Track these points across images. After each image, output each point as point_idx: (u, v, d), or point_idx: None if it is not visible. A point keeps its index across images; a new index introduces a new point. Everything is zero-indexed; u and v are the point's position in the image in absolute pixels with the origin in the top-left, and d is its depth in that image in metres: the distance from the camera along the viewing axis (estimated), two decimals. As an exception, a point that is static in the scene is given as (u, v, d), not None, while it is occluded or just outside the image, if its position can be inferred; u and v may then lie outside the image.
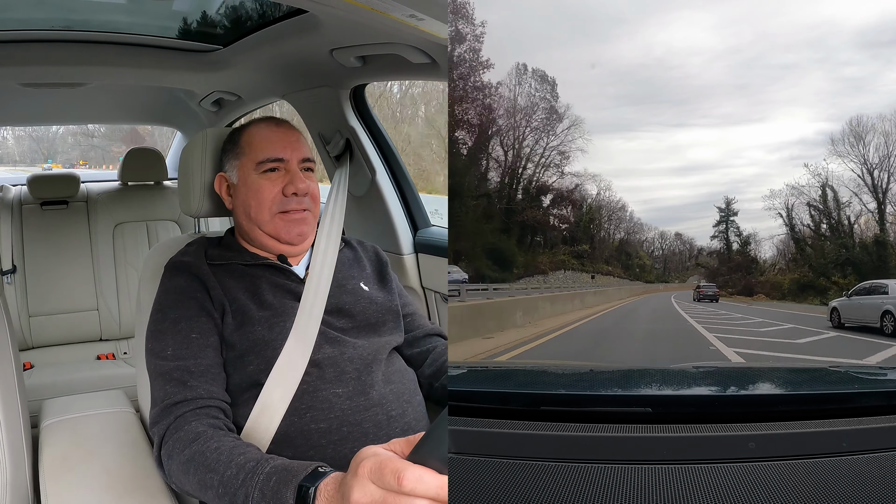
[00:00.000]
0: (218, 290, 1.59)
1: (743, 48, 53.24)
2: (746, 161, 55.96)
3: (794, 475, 0.83)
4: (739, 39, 54.17)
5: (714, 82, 50.89)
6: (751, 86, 52.37)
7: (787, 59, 50.97)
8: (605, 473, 0.84)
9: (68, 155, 26.77)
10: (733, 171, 54.40)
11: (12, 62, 2.57)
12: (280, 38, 2.20)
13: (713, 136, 53.19)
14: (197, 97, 3.34)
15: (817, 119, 56.24)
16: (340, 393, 1.53)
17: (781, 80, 53.72)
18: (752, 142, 58.12)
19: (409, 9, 1.45)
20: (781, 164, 54.94)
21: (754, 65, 48.85)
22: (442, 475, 0.91)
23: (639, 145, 44.77)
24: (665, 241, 58.85)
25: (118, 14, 2.53)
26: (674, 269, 56.82)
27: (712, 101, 57.76)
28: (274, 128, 1.72)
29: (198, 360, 1.50)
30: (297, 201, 1.65)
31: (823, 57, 48.50)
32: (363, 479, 0.99)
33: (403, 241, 2.65)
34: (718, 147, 51.77)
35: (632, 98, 54.28)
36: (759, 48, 54.68)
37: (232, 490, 1.23)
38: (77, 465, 1.63)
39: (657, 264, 56.32)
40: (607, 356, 7.25)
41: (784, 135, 57.03)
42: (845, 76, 43.92)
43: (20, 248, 3.71)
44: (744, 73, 50.73)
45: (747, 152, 59.63)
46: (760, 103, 55.53)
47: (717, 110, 55.60)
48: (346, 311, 1.66)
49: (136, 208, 3.92)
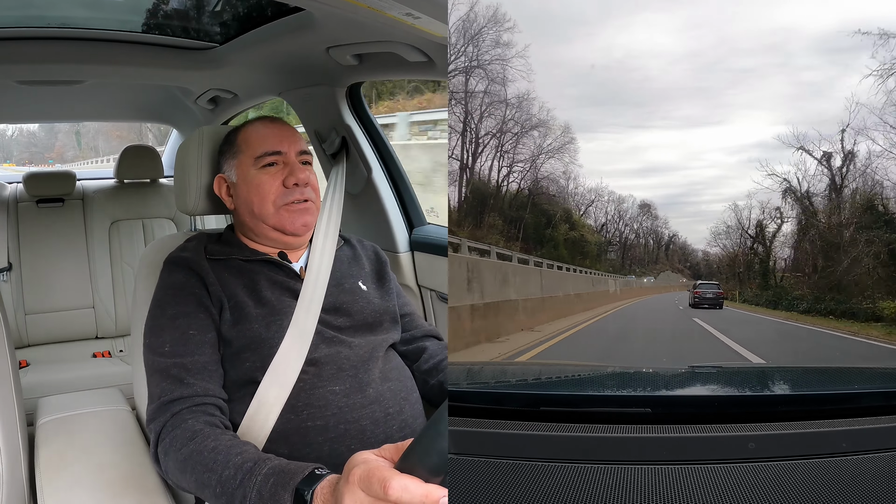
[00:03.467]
0: (216, 285, 1.58)
1: (704, 51, 53.54)
2: (706, 163, 56.50)
3: (794, 475, 0.83)
4: (700, 43, 54.48)
5: (674, 85, 51.04)
6: (711, 89, 52.91)
7: (747, 63, 51.38)
8: (605, 474, 0.84)
9: (21, 155, 27.19)
10: (693, 172, 54.65)
11: (8, 59, 2.55)
12: (276, 35, 2.19)
13: (673, 138, 53.33)
14: (193, 95, 3.33)
15: (776, 122, 56.90)
16: (337, 390, 1.53)
17: (741, 84, 54.25)
18: (712, 144, 58.60)
19: (405, 7, 1.44)
20: (740, 166, 55.28)
21: (715, 68, 49.31)
22: (428, 484, 0.92)
23: (598, 146, 44.77)
24: (624, 219, 42.46)
25: (76, 9, 2.51)
26: (637, 261, 44.13)
27: (672, 104, 58.01)
28: (269, 123, 1.73)
29: (195, 357, 1.50)
30: (299, 192, 1.65)
31: (783, 61, 49.12)
32: (353, 486, 1.01)
33: (399, 239, 2.65)
34: (678, 149, 51.91)
35: (592, 99, 54.42)
36: (720, 52, 55.08)
37: (230, 490, 1.23)
38: (73, 463, 1.63)
39: (613, 250, 40.97)
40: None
41: (743, 138, 57.72)
42: (804, 80, 44.60)
43: (16, 246, 3.70)
44: (704, 76, 51.02)
45: (707, 154, 60.10)
46: (720, 106, 56.00)
47: (677, 113, 55.91)
48: (343, 310, 1.65)
49: (131, 206, 3.91)
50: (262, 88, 2.88)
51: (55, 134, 26.34)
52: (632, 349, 8.36)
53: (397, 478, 0.94)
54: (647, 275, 44.03)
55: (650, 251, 47.00)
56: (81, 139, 24.03)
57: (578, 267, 24.00)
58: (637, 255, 45.16)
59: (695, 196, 62.45)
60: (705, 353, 7.89)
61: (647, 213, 45.84)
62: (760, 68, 52.85)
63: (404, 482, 0.93)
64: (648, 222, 46.26)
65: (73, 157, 24.41)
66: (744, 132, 53.05)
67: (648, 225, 46.44)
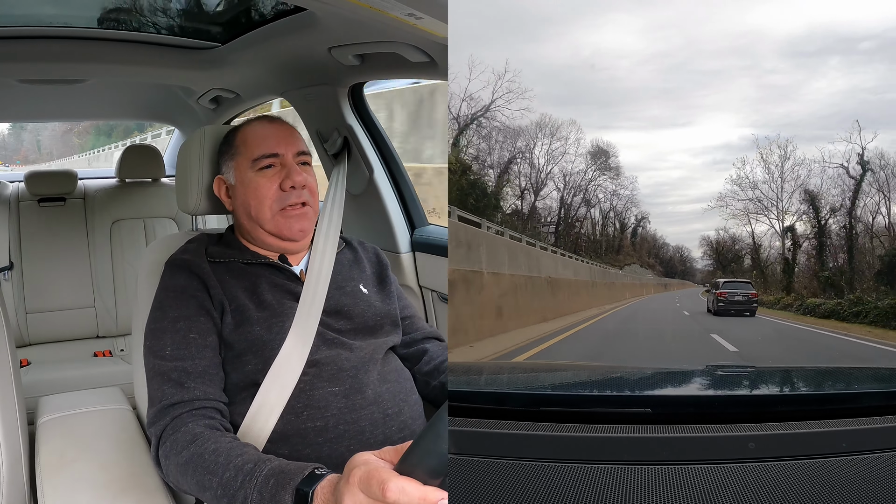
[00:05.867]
0: (218, 289, 1.59)
1: (671, 53, 53.65)
2: (671, 164, 56.48)
3: (794, 475, 0.83)
4: (668, 44, 54.61)
5: (641, 86, 50.94)
6: (677, 90, 52.98)
7: (714, 66, 51.77)
8: (605, 474, 0.84)
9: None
10: (658, 173, 54.65)
11: (9, 58, 2.56)
12: (278, 35, 2.20)
13: (639, 138, 53.27)
14: (195, 94, 3.33)
15: (742, 125, 57.15)
16: (336, 391, 1.53)
17: (708, 86, 54.51)
18: (678, 145, 58.61)
19: (407, 7, 1.44)
20: (705, 167, 55.29)
21: (681, 70, 49.34)
22: (426, 486, 0.92)
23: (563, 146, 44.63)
24: (568, 180, 31.22)
25: (78, 8, 2.51)
26: (592, 248, 32.58)
27: (638, 105, 58.02)
28: (267, 124, 1.72)
29: (196, 360, 1.50)
30: (296, 195, 1.65)
31: (750, 64, 49.42)
32: (353, 486, 1.01)
33: (401, 239, 2.65)
34: (644, 150, 51.67)
35: (558, 99, 54.35)
36: (687, 53, 55.24)
37: (230, 492, 1.24)
38: (74, 463, 1.63)
39: (545, 225, 30.19)
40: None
41: (709, 139, 57.91)
42: (770, 84, 44.69)
43: (17, 245, 3.71)
44: (671, 77, 51.00)
45: (672, 156, 60.24)
46: (686, 108, 56.09)
47: (643, 113, 55.94)
48: (344, 313, 1.66)
49: (133, 205, 3.91)
50: (264, 88, 2.88)
51: (21, 140, 30.13)
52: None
53: (395, 480, 0.95)
54: (611, 264, 32.05)
55: (611, 238, 36.31)
56: (41, 145, 28.17)
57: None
58: (590, 237, 33.60)
59: (660, 197, 62.40)
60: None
61: (602, 163, 32.89)
62: (727, 71, 53.34)
63: (402, 484, 0.94)
64: (608, 182, 33.95)
65: (35, 159, 27.34)
66: (709, 134, 53.45)
67: (610, 188, 34.11)
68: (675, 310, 17.91)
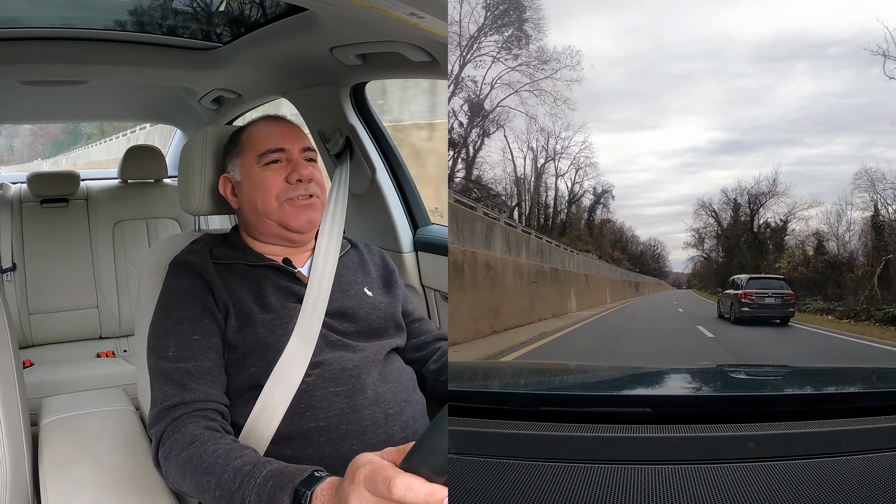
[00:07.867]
0: (222, 290, 1.59)
1: (640, 56, 53.53)
2: (639, 167, 56.03)
3: (794, 475, 0.83)
4: (637, 47, 54.52)
5: (610, 88, 50.73)
6: (646, 93, 52.78)
7: (683, 69, 51.68)
8: (605, 474, 0.84)
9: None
10: (626, 176, 54.30)
11: (12, 60, 2.56)
12: (280, 35, 2.20)
13: (607, 141, 53.00)
14: (197, 95, 3.33)
15: (710, 128, 56.97)
16: (339, 391, 1.53)
17: (676, 89, 54.30)
18: (646, 148, 58.33)
19: (409, 7, 1.44)
20: (674, 170, 54.91)
21: (650, 72, 49.19)
22: (432, 483, 0.92)
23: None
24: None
25: (80, 9, 2.51)
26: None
27: (607, 107, 57.76)
28: (272, 122, 1.74)
29: (198, 362, 1.50)
30: (304, 187, 1.66)
31: (719, 68, 49.49)
32: (359, 486, 1.01)
33: (403, 239, 2.65)
34: (612, 152, 51.21)
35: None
36: (656, 56, 55.09)
37: (229, 493, 1.24)
38: (77, 463, 1.63)
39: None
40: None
41: (677, 142, 57.75)
42: (739, 87, 44.69)
43: (20, 246, 3.71)
44: (640, 80, 50.76)
45: (641, 158, 59.76)
46: (655, 111, 55.67)
47: (612, 116, 55.69)
48: (348, 315, 1.66)
49: (136, 206, 3.92)
50: (266, 88, 2.88)
51: (-6, 143, 32.83)
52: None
53: (401, 477, 0.95)
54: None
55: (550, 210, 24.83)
56: (13, 149, 31.27)
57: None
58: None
59: (628, 199, 61.96)
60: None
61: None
62: (696, 74, 53.44)
63: (408, 481, 0.94)
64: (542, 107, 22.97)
65: (8, 160, 29.50)
66: (678, 137, 53.16)
67: (544, 111, 23.26)
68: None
